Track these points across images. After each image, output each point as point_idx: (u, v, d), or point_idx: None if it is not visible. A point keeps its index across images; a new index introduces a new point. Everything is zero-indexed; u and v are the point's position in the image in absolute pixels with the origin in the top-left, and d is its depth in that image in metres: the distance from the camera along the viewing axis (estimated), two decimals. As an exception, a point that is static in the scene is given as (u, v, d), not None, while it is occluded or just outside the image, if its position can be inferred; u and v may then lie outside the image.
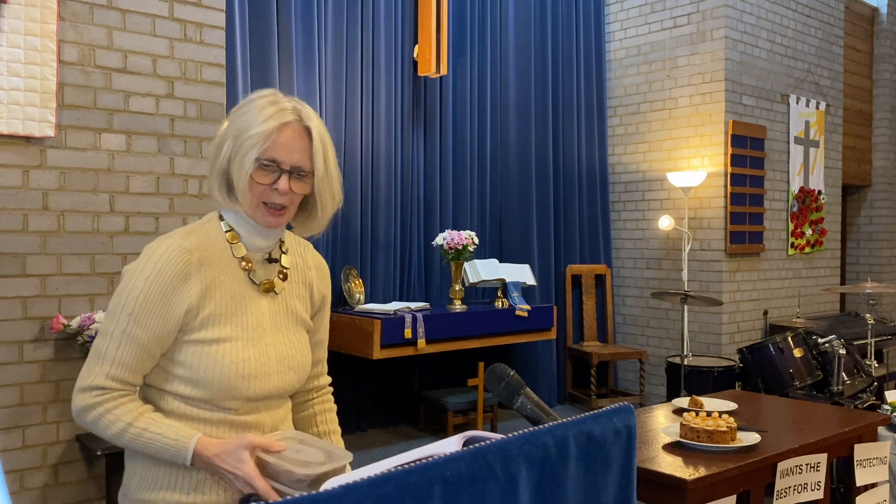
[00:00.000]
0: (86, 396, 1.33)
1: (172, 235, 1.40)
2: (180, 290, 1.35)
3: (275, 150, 1.37)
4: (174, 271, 1.35)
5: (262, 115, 1.38)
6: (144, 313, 1.33)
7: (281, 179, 1.38)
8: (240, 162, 1.37)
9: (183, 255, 1.36)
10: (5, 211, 2.74)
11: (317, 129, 1.42)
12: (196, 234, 1.42)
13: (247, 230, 1.44)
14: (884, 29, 7.81)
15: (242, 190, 1.38)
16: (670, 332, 6.04)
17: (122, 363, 1.33)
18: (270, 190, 1.39)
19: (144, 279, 1.34)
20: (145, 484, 1.39)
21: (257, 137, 1.36)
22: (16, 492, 2.76)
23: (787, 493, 2.26)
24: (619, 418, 1.05)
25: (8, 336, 2.75)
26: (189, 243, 1.38)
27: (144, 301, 1.33)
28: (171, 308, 1.35)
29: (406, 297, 5.31)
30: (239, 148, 1.37)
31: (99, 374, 1.32)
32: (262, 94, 1.43)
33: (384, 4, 5.12)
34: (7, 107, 2.71)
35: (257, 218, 1.41)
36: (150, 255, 1.36)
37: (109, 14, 2.97)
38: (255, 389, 1.40)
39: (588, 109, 6.39)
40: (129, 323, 1.33)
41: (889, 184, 7.85)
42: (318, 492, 0.73)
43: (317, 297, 1.59)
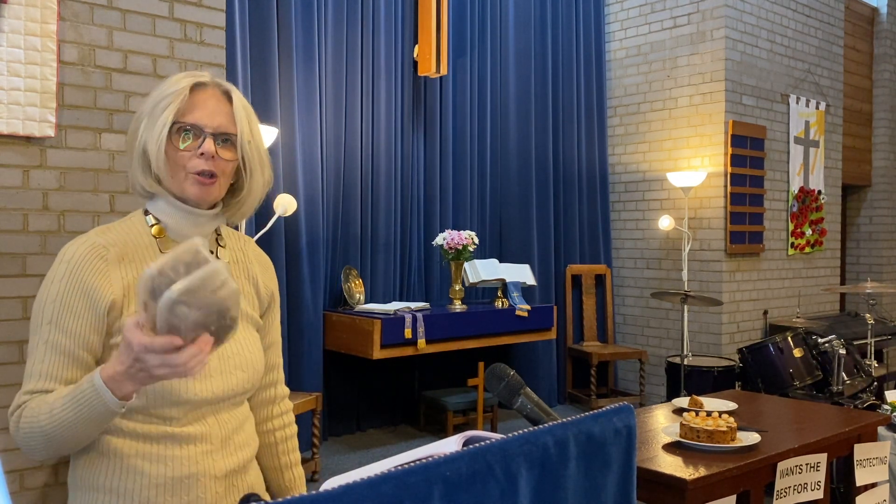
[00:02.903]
0: (12, 419, 1.22)
1: (87, 234, 1.30)
2: (99, 288, 1.24)
3: (194, 112, 1.27)
4: (90, 269, 1.24)
5: (174, 79, 1.29)
6: (64, 317, 1.22)
7: (206, 142, 1.27)
8: (153, 128, 1.25)
9: (98, 251, 1.26)
10: (5, 211, 2.74)
11: (236, 94, 1.33)
12: (114, 231, 1.32)
13: (175, 219, 1.32)
14: (884, 29, 7.81)
15: (162, 162, 1.25)
16: (670, 332, 6.04)
17: (46, 375, 1.21)
18: (196, 156, 1.27)
19: (59, 281, 1.24)
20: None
21: (170, 97, 1.25)
22: (16, 492, 2.76)
23: (787, 493, 2.26)
24: (619, 418, 1.05)
25: (8, 336, 2.75)
26: (104, 240, 1.28)
27: (62, 305, 1.22)
28: (93, 307, 1.23)
29: (406, 297, 5.31)
30: (153, 117, 1.26)
31: (21, 395, 1.22)
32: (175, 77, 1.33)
33: (384, 4, 5.12)
34: (7, 107, 2.71)
35: (187, 190, 1.28)
36: (63, 256, 1.26)
37: (109, 14, 2.97)
38: (195, 392, 1.26)
39: (588, 109, 6.39)
40: (50, 331, 1.22)
41: (889, 184, 7.85)
42: (318, 492, 0.73)
43: (264, 294, 1.47)
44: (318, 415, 4.13)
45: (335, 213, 4.92)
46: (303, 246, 4.61)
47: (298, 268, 4.61)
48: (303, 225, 4.62)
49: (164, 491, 1.25)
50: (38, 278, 2.80)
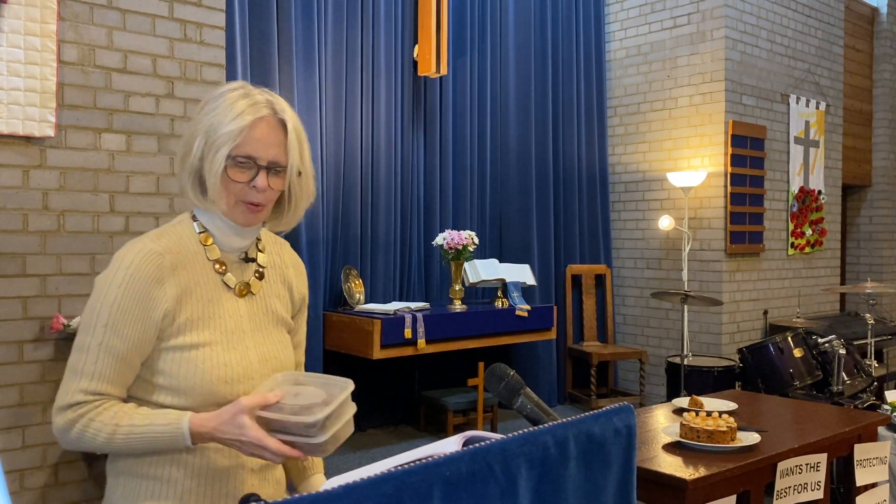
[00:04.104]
0: (65, 415, 1.28)
1: (142, 240, 1.34)
2: (155, 295, 1.30)
3: (250, 145, 1.31)
4: (147, 276, 1.29)
5: (235, 109, 1.31)
6: (121, 322, 1.28)
7: (259, 176, 1.32)
8: (212, 159, 1.30)
9: (154, 259, 1.31)
10: (5, 211, 2.74)
11: (291, 122, 1.36)
12: (167, 236, 1.36)
13: (222, 230, 1.39)
14: (884, 29, 7.81)
15: (216, 189, 1.32)
16: (670, 332, 6.04)
17: (100, 377, 1.28)
18: (248, 188, 1.32)
19: (117, 287, 1.28)
20: (128, 496, 1.34)
21: (230, 134, 1.29)
22: (16, 492, 2.76)
23: (787, 493, 2.26)
24: (619, 418, 1.05)
25: (8, 336, 2.75)
26: (159, 247, 1.33)
27: (119, 310, 1.28)
28: (148, 314, 1.29)
29: (406, 297, 5.31)
30: (211, 145, 1.30)
31: (76, 392, 1.28)
32: (232, 86, 1.36)
33: (384, 4, 5.12)
34: (7, 107, 2.71)
35: (236, 217, 1.36)
36: (120, 261, 1.30)
37: (109, 14, 2.97)
38: (238, 394, 1.33)
39: (588, 109, 6.39)
40: (106, 334, 1.27)
41: (889, 184, 7.85)
42: (318, 492, 0.73)
43: (297, 297, 1.54)
44: (318, 415, 4.12)
45: (335, 213, 4.92)
46: (303, 246, 4.61)
47: (298, 268, 4.60)
48: (303, 225, 4.62)
49: (203, 481, 1.33)
50: (38, 278, 2.80)
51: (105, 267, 1.23)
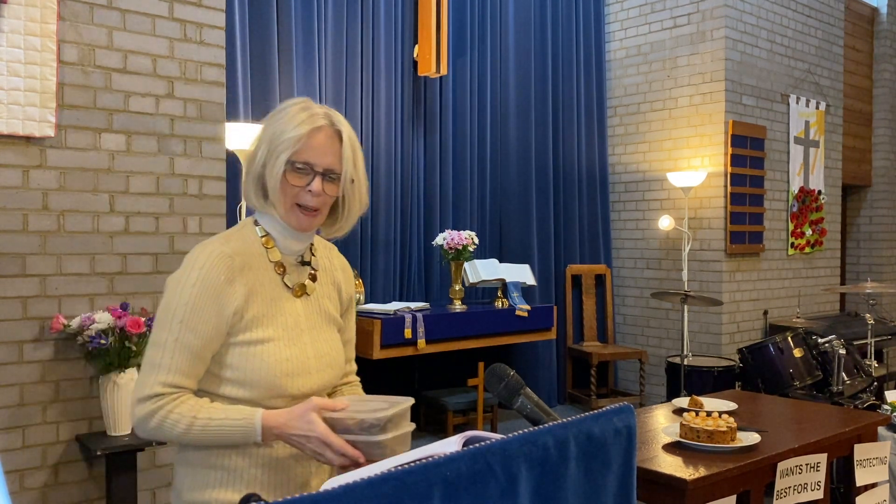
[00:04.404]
0: (145, 406, 1.36)
1: (212, 242, 1.45)
2: (226, 294, 1.40)
3: (307, 152, 1.43)
4: (219, 276, 1.40)
5: (295, 119, 1.44)
6: (195, 319, 1.38)
7: (314, 181, 1.44)
8: (273, 164, 1.43)
9: (225, 261, 1.42)
10: (5, 211, 2.74)
11: (347, 134, 1.49)
12: (234, 240, 1.47)
13: (282, 234, 1.50)
14: (884, 29, 7.81)
15: (276, 192, 1.44)
16: (670, 332, 6.04)
17: (177, 370, 1.37)
18: (304, 192, 1.44)
19: (191, 287, 1.39)
20: (197, 485, 1.44)
21: (290, 141, 1.42)
22: (16, 492, 2.76)
23: (787, 493, 2.26)
24: (619, 418, 1.05)
25: (8, 336, 2.75)
26: (229, 249, 1.44)
27: (193, 308, 1.38)
28: (220, 311, 1.40)
29: (406, 297, 5.31)
30: (272, 151, 1.43)
31: (155, 384, 1.36)
32: (294, 101, 1.50)
33: (384, 4, 5.11)
34: (7, 107, 2.71)
35: (291, 220, 1.47)
36: (194, 262, 1.41)
37: (109, 14, 2.96)
38: (297, 387, 1.45)
39: (588, 109, 6.39)
40: (181, 331, 1.37)
41: (889, 184, 7.85)
42: (318, 492, 0.73)
43: (345, 297, 1.66)
44: (318, 415, 4.12)
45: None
46: (303, 246, 4.61)
47: (298, 268, 4.60)
48: (303, 225, 4.62)
49: (268, 469, 1.44)
50: (38, 278, 2.80)
51: (105, 267, 1.24)
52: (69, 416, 2.86)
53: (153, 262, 3.07)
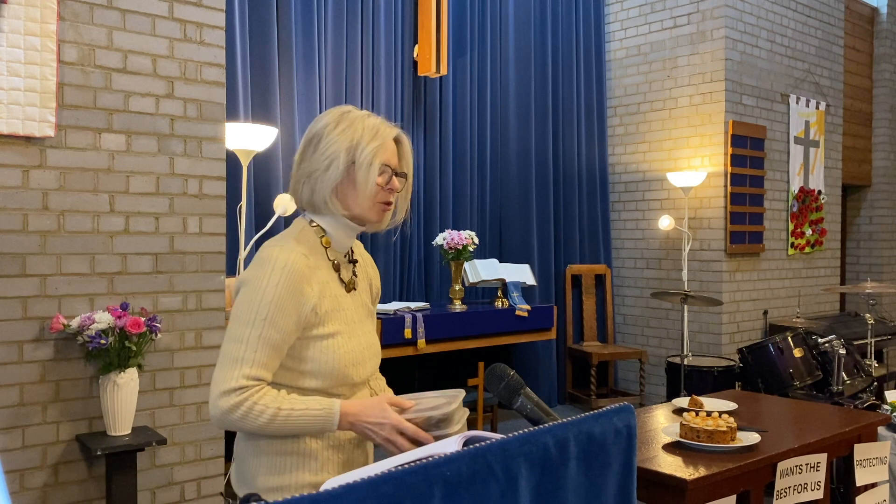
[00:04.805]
0: (230, 398, 1.44)
1: (287, 242, 1.54)
2: (305, 293, 1.50)
3: (385, 155, 1.59)
4: (299, 276, 1.50)
5: (368, 127, 1.58)
6: (278, 316, 1.47)
7: (394, 179, 1.60)
8: (367, 170, 1.55)
9: (304, 261, 1.52)
10: (5, 211, 2.74)
11: (405, 138, 1.66)
12: (303, 241, 1.58)
13: (340, 232, 1.62)
14: (884, 29, 7.81)
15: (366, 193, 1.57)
16: (670, 332, 6.04)
17: (260, 364, 1.46)
18: (384, 190, 1.59)
19: (275, 286, 1.47)
20: (274, 470, 1.54)
21: (379, 148, 1.57)
22: (16, 492, 2.76)
23: (787, 493, 2.26)
24: (619, 418, 1.05)
25: (8, 336, 2.75)
26: (304, 249, 1.54)
27: (277, 306, 1.47)
28: (300, 309, 1.50)
29: (406, 297, 5.31)
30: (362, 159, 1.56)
31: (238, 377, 1.44)
32: (345, 109, 1.62)
33: (384, 4, 5.11)
34: (7, 107, 2.71)
35: (372, 217, 1.61)
36: (275, 262, 1.49)
37: (109, 14, 2.96)
38: (360, 375, 1.59)
39: (588, 109, 6.39)
40: (265, 327, 1.46)
41: (889, 184, 7.85)
42: (319, 492, 0.73)
43: (374, 291, 1.79)
44: (318, 415, 4.12)
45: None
46: (303, 246, 4.61)
47: (298, 268, 4.60)
48: (303, 225, 4.61)
49: (335, 451, 1.56)
50: (38, 278, 2.80)
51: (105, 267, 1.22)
52: (69, 416, 2.86)
53: (153, 262, 3.07)
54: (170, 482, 3.12)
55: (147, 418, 3.05)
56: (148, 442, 2.81)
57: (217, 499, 3.25)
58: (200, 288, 3.19)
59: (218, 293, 3.25)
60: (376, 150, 1.56)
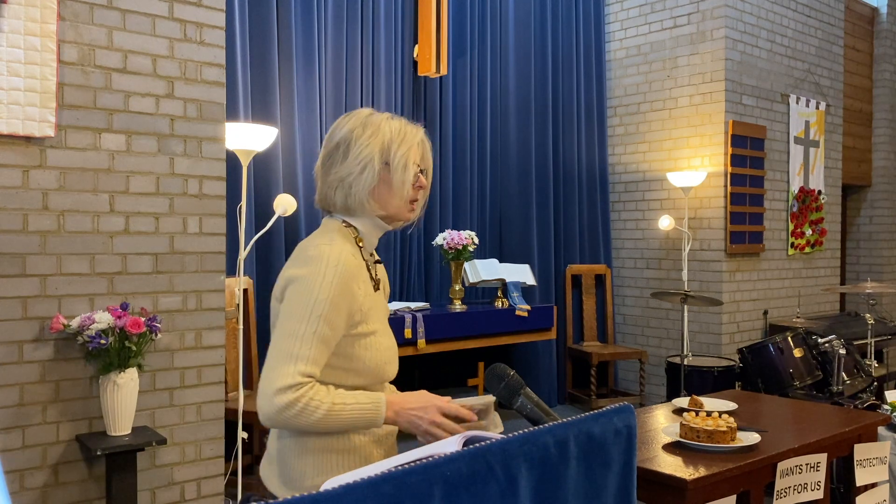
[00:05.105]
0: (285, 395, 1.44)
1: (333, 241, 1.57)
2: (354, 291, 1.54)
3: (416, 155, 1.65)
4: (350, 274, 1.53)
5: (402, 130, 1.63)
6: (333, 314, 1.49)
7: (421, 177, 1.65)
8: (403, 172, 1.60)
9: (352, 260, 1.56)
10: (5, 211, 2.74)
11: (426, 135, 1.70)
12: (346, 240, 1.62)
13: (372, 231, 1.67)
14: (884, 29, 7.81)
15: (401, 194, 1.61)
16: (670, 332, 6.04)
17: (314, 361, 1.48)
18: (413, 188, 1.64)
19: (329, 283, 1.50)
20: (322, 470, 1.56)
21: (413, 151, 1.62)
22: (16, 492, 2.76)
23: (787, 493, 2.26)
24: (619, 418, 1.05)
25: (8, 336, 2.75)
26: (350, 248, 1.59)
27: (332, 304, 1.49)
28: (350, 307, 1.53)
29: (406, 297, 5.31)
30: (397, 162, 1.60)
31: (294, 374, 1.45)
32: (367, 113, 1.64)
33: (384, 4, 5.11)
34: (7, 107, 2.71)
35: (404, 215, 1.66)
36: (327, 261, 1.52)
37: (109, 14, 2.96)
38: (391, 373, 1.66)
39: (588, 109, 6.39)
40: (320, 324, 1.48)
41: (889, 184, 7.85)
42: (319, 492, 0.73)
43: (387, 292, 1.83)
44: (318, 415, 4.12)
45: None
46: (303, 246, 4.61)
47: (298, 268, 4.60)
48: (303, 225, 4.62)
49: (376, 445, 1.63)
50: (38, 278, 2.80)
51: (105, 267, 1.22)
52: (69, 416, 2.86)
53: (153, 262, 3.07)
54: (170, 482, 3.12)
55: (147, 418, 3.05)
56: (148, 442, 2.81)
57: (217, 499, 3.25)
58: (200, 288, 3.19)
59: (218, 293, 3.25)
60: (409, 153, 1.61)
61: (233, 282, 3.68)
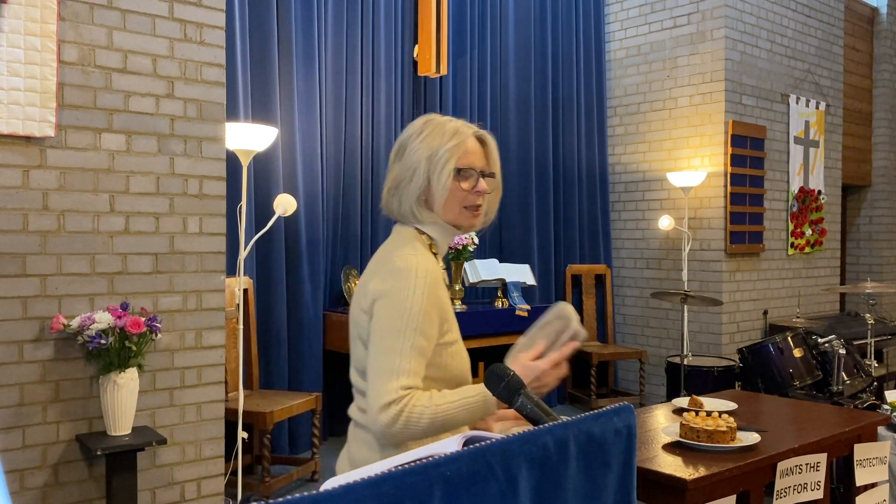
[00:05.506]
0: (389, 411, 1.43)
1: (416, 251, 1.55)
2: (441, 298, 1.54)
3: (468, 157, 1.59)
4: (436, 282, 1.53)
5: (448, 131, 1.58)
6: (426, 325, 1.49)
7: (480, 181, 1.60)
8: (439, 175, 1.56)
9: (436, 268, 1.56)
10: (5, 211, 2.74)
11: (489, 137, 1.65)
12: (424, 248, 1.59)
13: (443, 236, 1.64)
14: (884, 29, 7.81)
15: (445, 200, 1.57)
16: (670, 332, 6.04)
17: (414, 373, 1.47)
18: (471, 194, 1.59)
19: (420, 294, 1.49)
20: None
21: (452, 150, 1.56)
22: (16, 492, 2.76)
23: (787, 493, 2.26)
24: (619, 418, 1.05)
25: (8, 336, 2.75)
26: (432, 257, 1.58)
27: (424, 315, 1.49)
28: (439, 315, 1.53)
29: (406, 297, 5.30)
30: (436, 164, 1.56)
31: (397, 389, 1.45)
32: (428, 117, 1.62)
33: (384, 4, 5.11)
34: (7, 107, 2.71)
35: (461, 222, 1.61)
36: (416, 271, 1.51)
37: (109, 14, 2.96)
38: (471, 380, 1.63)
39: (588, 109, 6.39)
40: (416, 337, 1.47)
41: (889, 184, 7.85)
42: (318, 492, 0.73)
43: None
44: (318, 415, 4.13)
45: (335, 213, 4.91)
46: (303, 246, 4.61)
47: (298, 268, 4.60)
48: (303, 225, 4.62)
49: None
50: (38, 278, 2.80)
51: (105, 267, 1.22)
52: (69, 416, 2.87)
53: (153, 262, 3.07)
54: (170, 482, 3.12)
55: (147, 418, 3.05)
56: (148, 442, 2.81)
57: (217, 499, 3.25)
58: (200, 288, 3.19)
59: (218, 293, 3.25)
60: (451, 153, 1.56)
61: (233, 282, 3.68)
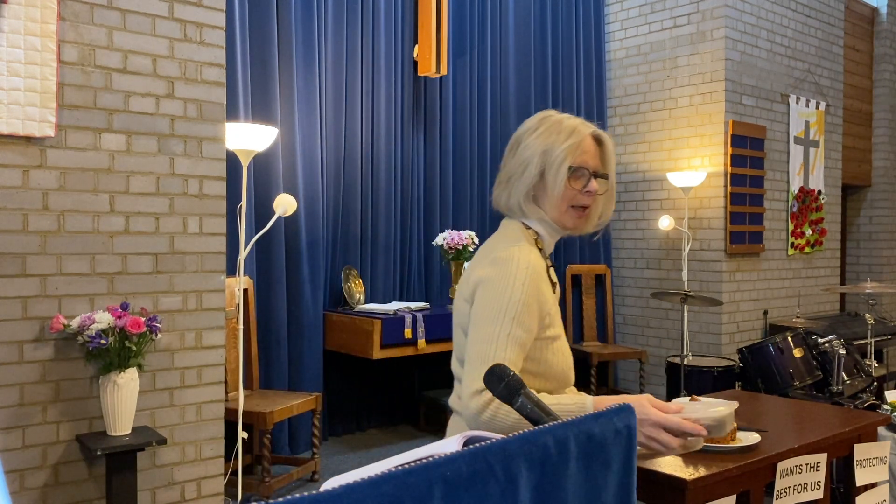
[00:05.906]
0: (479, 398, 1.41)
1: (519, 243, 1.54)
2: (543, 292, 1.51)
3: (582, 157, 1.56)
4: (539, 275, 1.50)
5: (566, 129, 1.56)
6: (525, 315, 1.46)
7: (591, 182, 1.57)
8: (555, 172, 1.54)
9: (540, 262, 1.53)
10: (5, 211, 2.74)
11: (607, 137, 1.62)
12: (529, 242, 1.58)
13: (551, 234, 1.63)
14: (884, 29, 7.81)
15: (555, 197, 1.56)
16: (670, 332, 6.04)
17: (508, 361, 1.43)
18: (581, 193, 1.57)
19: (521, 284, 1.47)
20: None
21: (569, 149, 1.54)
22: (16, 492, 2.76)
23: (787, 493, 2.26)
24: (619, 418, 1.05)
25: (8, 336, 2.75)
26: (535, 250, 1.56)
27: (524, 305, 1.46)
28: (540, 308, 1.50)
29: (406, 297, 5.31)
30: (551, 162, 1.54)
31: None
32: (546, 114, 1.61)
33: (384, 4, 5.11)
34: (7, 107, 2.71)
35: (566, 221, 1.59)
36: (518, 262, 1.49)
37: (109, 14, 2.96)
38: (573, 378, 1.62)
39: (588, 109, 6.39)
40: (513, 326, 1.44)
41: (889, 184, 7.85)
42: (318, 492, 0.73)
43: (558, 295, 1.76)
44: (318, 415, 4.13)
45: (335, 213, 4.91)
46: (303, 246, 4.61)
47: (298, 268, 4.60)
48: (303, 225, 4.62)
49: None
50: (38, 278, 2.80)
51: (105, 267, 1.22)
52: (69, 416, 2.86)
53: (153, 262, 3.07)
54: (170, 482, 3.12)
55: (147, 418, 3.05)
56: (148, 442, 2.81)
57: (217, 499, 3.25)
58: (200, 288, 3.19)
59: (218, 293, 3.25)
60: (567, 151, 1.54)
61: (233, 282, 3.68)
